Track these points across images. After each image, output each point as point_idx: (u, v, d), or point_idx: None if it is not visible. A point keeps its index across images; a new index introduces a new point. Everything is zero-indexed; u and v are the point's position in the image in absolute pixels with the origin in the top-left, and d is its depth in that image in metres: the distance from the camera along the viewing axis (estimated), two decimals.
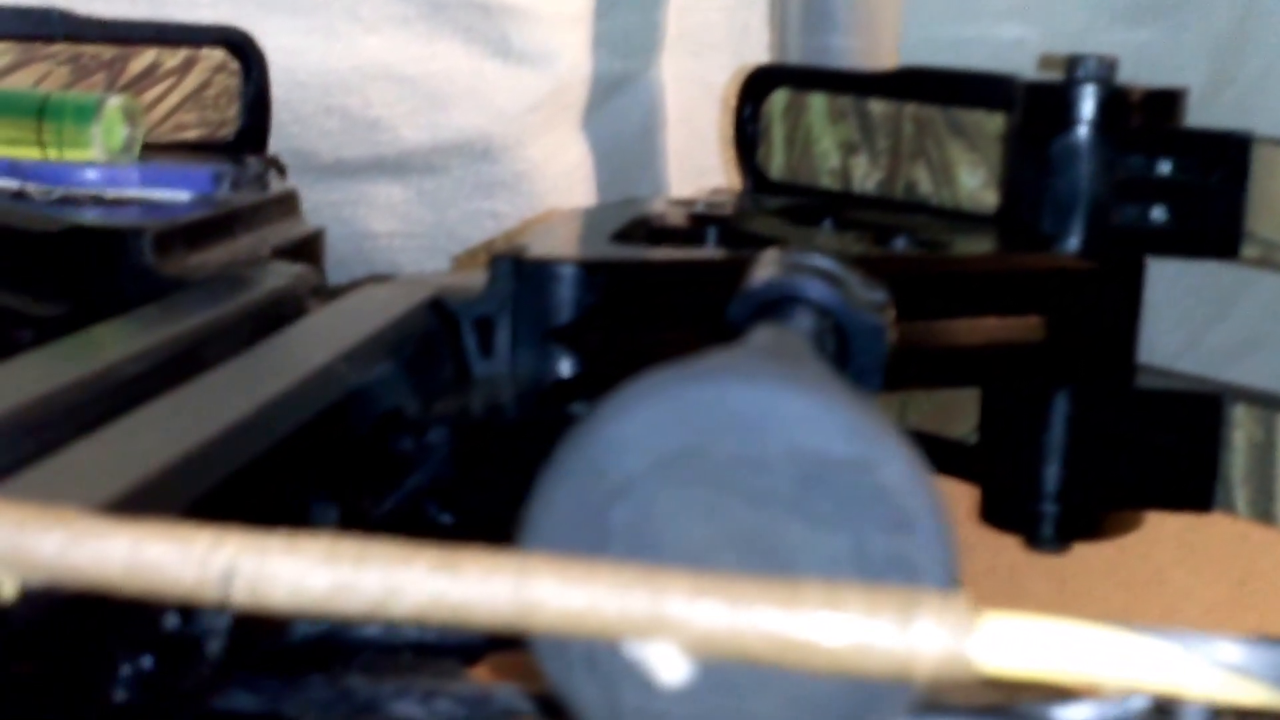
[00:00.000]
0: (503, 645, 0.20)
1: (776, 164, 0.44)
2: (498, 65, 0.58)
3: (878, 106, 0.42)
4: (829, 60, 0.57)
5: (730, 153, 0.45)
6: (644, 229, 0.37)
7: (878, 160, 0.42)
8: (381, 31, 0.57)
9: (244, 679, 0.18)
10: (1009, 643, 0.13)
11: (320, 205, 0.59)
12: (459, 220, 0.60)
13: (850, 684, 0.14)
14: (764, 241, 0.36)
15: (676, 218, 0.38)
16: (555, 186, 0.61)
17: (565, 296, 0.29)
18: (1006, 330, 0.35)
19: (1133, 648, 0.13)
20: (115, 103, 0.36)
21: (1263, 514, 0.35)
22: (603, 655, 0.14)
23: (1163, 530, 0.40)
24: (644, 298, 0.30)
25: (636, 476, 0.14)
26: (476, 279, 0.30)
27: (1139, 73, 0.67)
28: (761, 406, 0.14)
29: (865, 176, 0.42)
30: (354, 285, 0.33)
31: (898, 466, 0.14)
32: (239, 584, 0.13)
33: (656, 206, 0.39)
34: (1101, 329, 0.36)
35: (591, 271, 0.29)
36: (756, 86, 0.44)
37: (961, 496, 0.40)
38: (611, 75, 0.62)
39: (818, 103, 0.43)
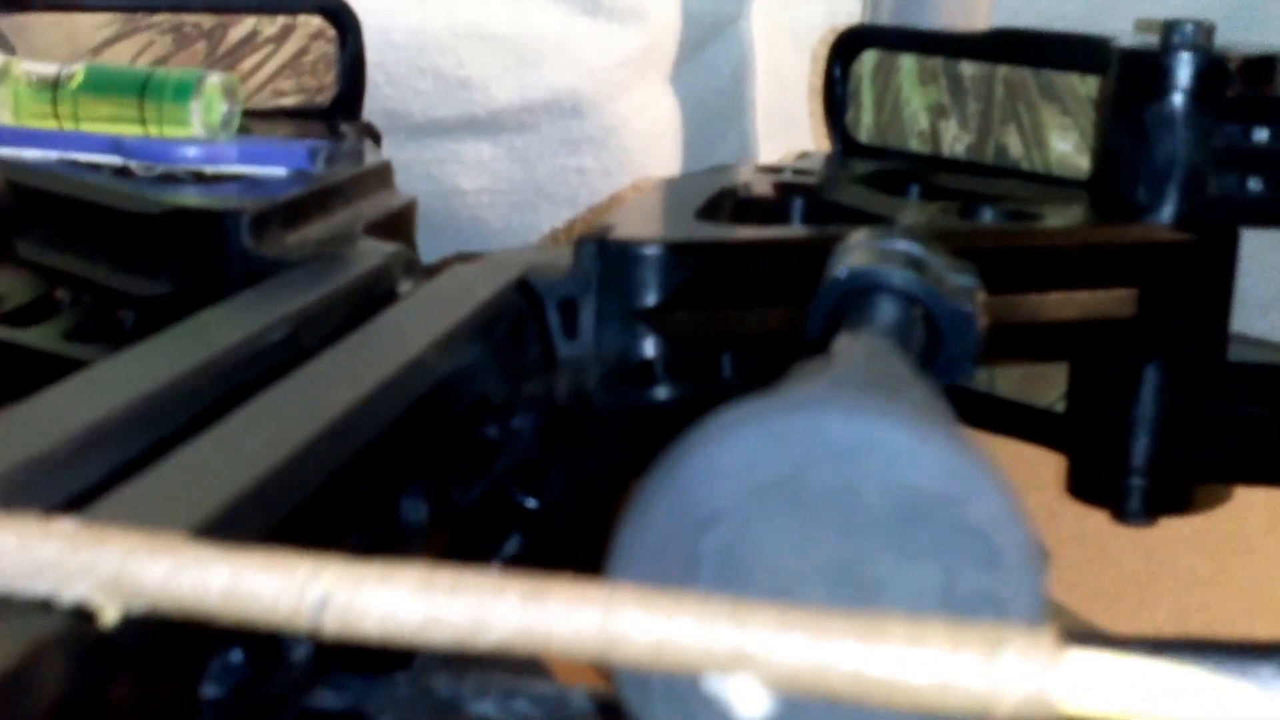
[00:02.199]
0: None
1: (865, 127, 0.44)
2: (587, 22, 0.58)
3: (968, 69, 0.41)
4: (921, 16, 0.56)
5: (820, 114, 0.45)
6: (730, 202, 0.37)
7: (968, 124, 0.42)
8: None
9: (330, 678, 0.19)
10: (1095, 681, 0.13)
11: (411, 163, 0.60)
12: (547, 176, 0.61)
13: None
14: (850, 213, 0.36)
15: (762, 188, 0.38)
16: (643, 142, 0.61)
17: (649, 278, 0.30)
18: (1097, 304, 0.35)
19: (1222, 691, 0.13)
20: (215, 80, 0.36)
21: None
22: (683, 686, 0.14)
23: (1254, 499, 0.40)
24: (729, 278, 0.30)
25: (727, 506, 0.14)
26: (564, 256, 0.30)
27: (1226, 28, 0.66)
28: (856, 438, 0.14)
29: (955, 140, 0.42)
30: (444, 264, 0.33)
31: (990, 502, 0.14)
32: (331, 613, 0.13)
33: (742, 176, 0.39)
34: (1194, 301, 0.36)
35: (676, 253, 0.30)
36: (846, 47, 0.44)
37: (1050, 464, 0.40)
38: (701, 29, 0.62)
39: (908, 64, 0.43)
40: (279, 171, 0.35)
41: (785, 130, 0.64)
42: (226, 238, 0.30)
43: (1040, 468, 0.40)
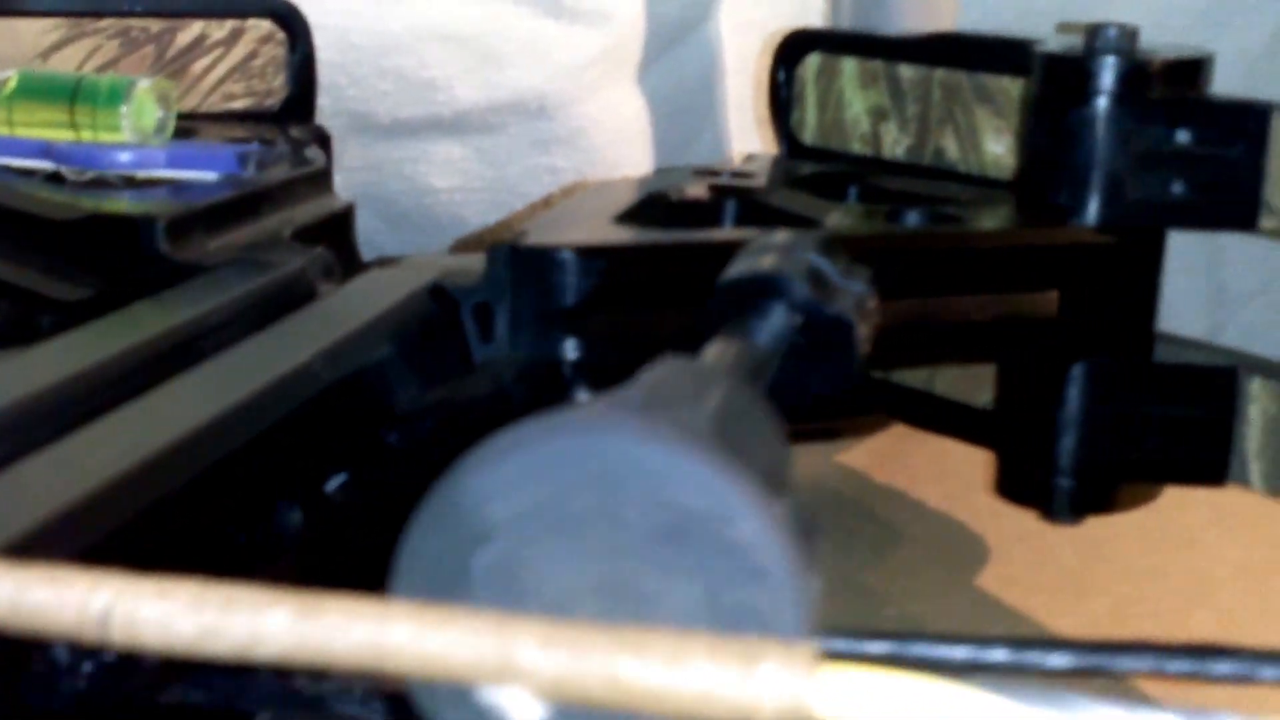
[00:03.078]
0: None
1: (810, 129, 0.44)
2: (551, 23, 0.59)
3: (907, 72, 0.41)
4: (884, 17, 0.56)
5: (765, 117, 0.45)
6: (662, 205, 0.37)
7: (907, 126, 0.42)
8: None
9: (194, 675, 0.19)
10: (850, 695, 0.14)
11: (382, 163, 0.61)
12: (519, 176, 0.61)
13: None
14: (780, 216, 0.36)
15: (696, 191, 0.38)
16: (613, 141, 0.61)
17: (562, 282, 0.30)
18: (1021, 305, 0.35)
19: (975, 706, 0.13)
20: (146, 85, 0.37)
21: (1276, 488, 0.35)
22: (468, 694, 0.14)
23: (1196, 493, 0.40)
24: (641, 281, 0.31)
25: (499, 526, 0.14)
26: (481, 261, 0.31)
27: (1204, 21, 0.66)
28: (620, 459, 0.14)
29: (895, 143, 0.42)
30: (365, 268, 0.33)
31: (751, 520, 0.14)
32: (115, 626, 0.14)
33: (678, 179, 0.39)
34: (1117, 303, 0.36)
35: (587, 256, 0.30)
36: (790, 50, 0.44)
37: (988, 465, 0.40)
38: (668, 28, 0.62)
39: (849, 67, 0.43)
40: (209, 176, 0.35)
41: (760, 128, 0.64)
42: (143, 242, 0.31)
43: (986, 465, 0.40)
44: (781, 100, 0.45)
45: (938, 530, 0.44)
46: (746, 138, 0.64)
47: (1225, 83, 0.39)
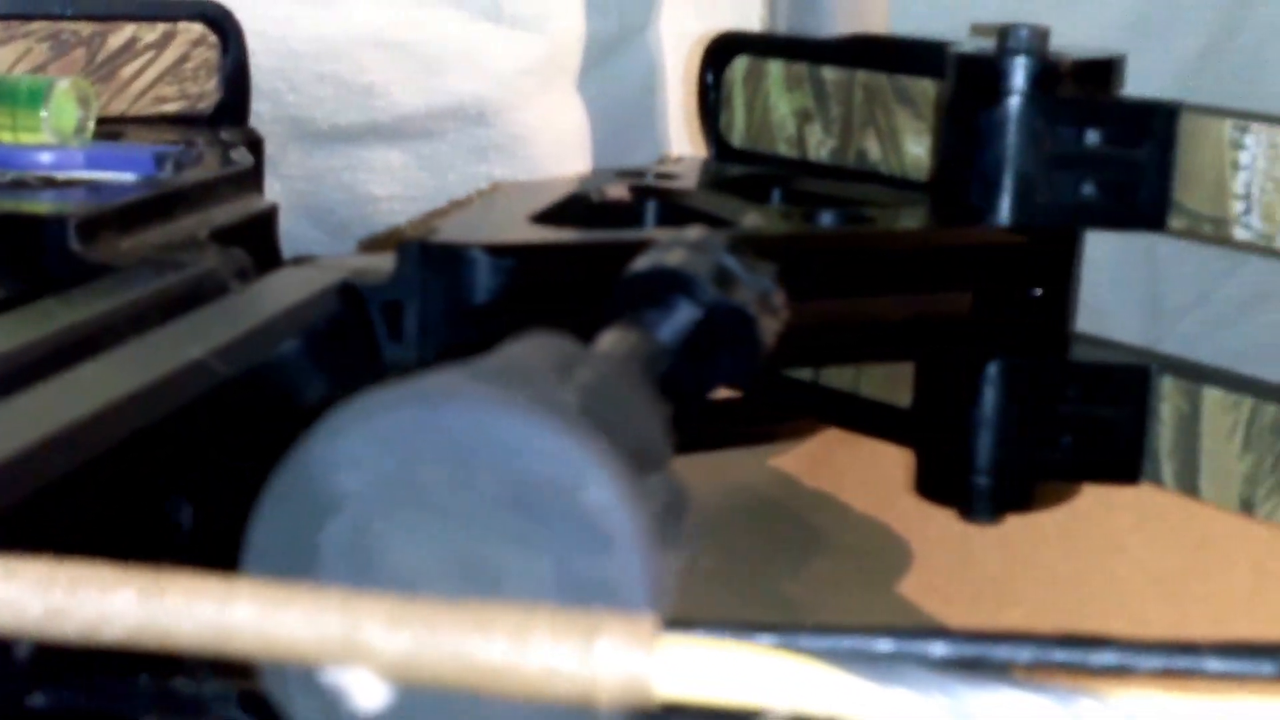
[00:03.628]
0: None
1: (738, 131, 0.45)
2: (489, 29, 0.59)
3: (830, 74, 0.42)
4: (818, 21, 0.57)
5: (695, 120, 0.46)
6: (583, 205, 0.37)
7: (831, 128, 0.42)
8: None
9: (68, 677, 0.19)
10: (690, 667, 0.14)
11: (322, 171, 0.61)
12: (458, 183, 0.61)
13: (560, 709, 0.14)
14: (699, 216, 0.37)
15: (618, 192, 0.39)
16: (552, 149, 0.62)
17: (472, 281, 0.30)
18: (936, 304, 0.36)
19: (812, 680, 0.14)
20: (65, 86, 0.37)
21: (1188, 486, 0.35)
22: (315, 676, 0.14)
23: (1121, 498, 0.40)
24: (553, 280, 0.31)
25: (348, 498, 0.15)
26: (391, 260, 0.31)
27: (1134, 32, 0.66)
28: (469, 429, 0.14)
29: (819, 144, 0.42)
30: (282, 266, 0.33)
31: (601, 489, 0.14)
32: None
33: (602, 180, 0.40)
34: (1031, 302, 0.36)
35: (497, 255, 0.30)
36: (717, 54, 0.45)
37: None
38: (608, 36, 0.62)
39: (775, 70, 0.43)
40: (127, 177, 0.35)
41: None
42: (52, 242, 0.31)
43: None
44: (710, 103, 0.45)
45: (863, 536, 0.44)
46: (686, 145, 0.65)
47: (1158, 92, 0.40)
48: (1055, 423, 0.36)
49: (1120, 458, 0.36)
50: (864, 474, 0.47)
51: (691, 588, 0.46)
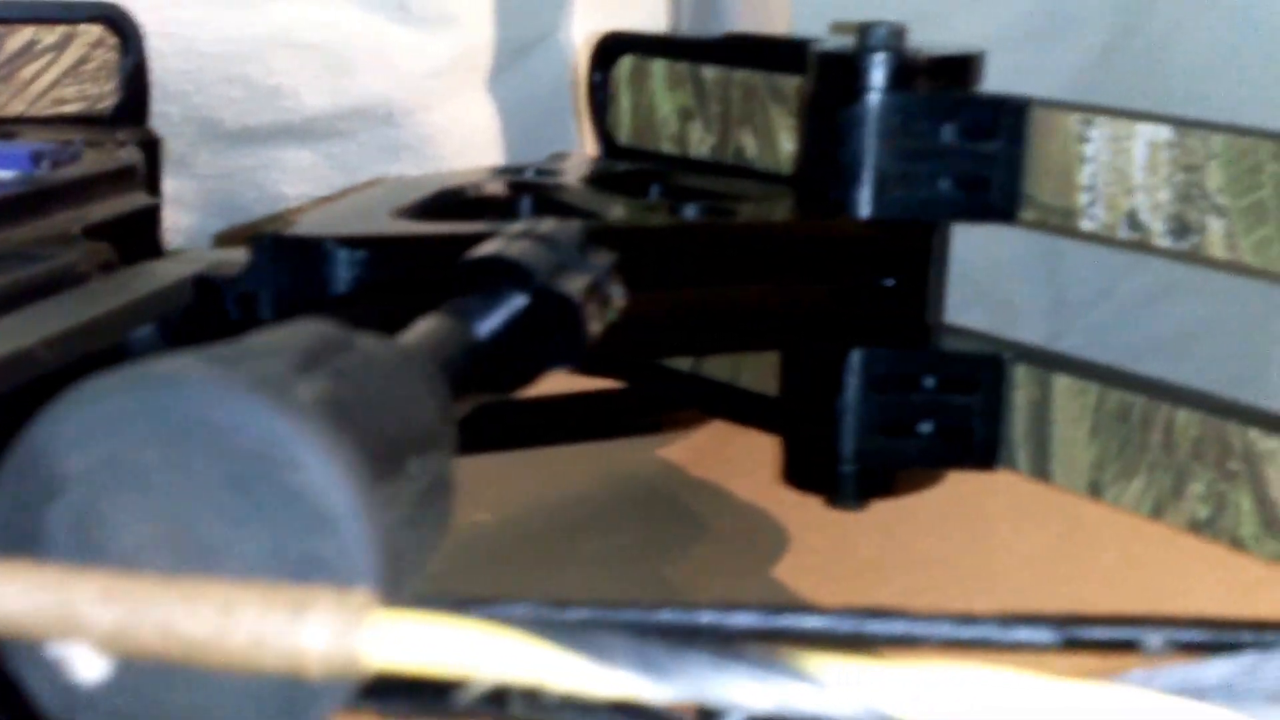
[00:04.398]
0: None
1: (624, 129, 0.45)
2: (396, 30, 0.60)
3: (709, 73, 0.43)
4: (720, 21, 0.58)
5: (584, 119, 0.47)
6: (458, 200, 0.38)
7: (710, 126, 0.43)
8: (281, 1, 0.58)
9: None
10: (399, 639, 0.14)
11: (234, 170, 0.61)
12: None
13: (285, 680, 0.15)
14: (570, 210, 0.38)
15: (494, 188, 0.39)
16: (462, 149, 0.62)
17: (325, 273, 0.31)
18: (796, 295, 0.37)
19: (513, 648, 0.14)
20: None
21: (1040, 472, 0.36)
22: (42, 649, 0.15)
23: (996, 484, 0.41)
24: (406, 273, 0.32)
25: (72, 480, 0.15)
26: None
27: (1035, 33, 0.67)
28: (186, 410, 0.15)
29: (700, 142, 0.43)
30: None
31: (315, 467, 0.15)
32: None
33: (478, 176, 0.40)
34: (890, 293, 0.37)
35: (352, 246, 0.31)
36: (603, 53, 0.45)
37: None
38: (518, 38, 0.63)
39: (659, 69, 0.44)
40: (4, 174, 0.36)
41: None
42: None
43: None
44: (597, 102, 0.46)
45: (743, 523, 0.45)
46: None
47: (1061, 92, 0.41)
48: (914, 411, 0.37)
49: (977, 444, 0.37)
50: (749, 464, 0.47)
51: (572, 571, 0.46)
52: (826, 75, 0.37)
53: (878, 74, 0.36)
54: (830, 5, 0.59)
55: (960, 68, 0.37)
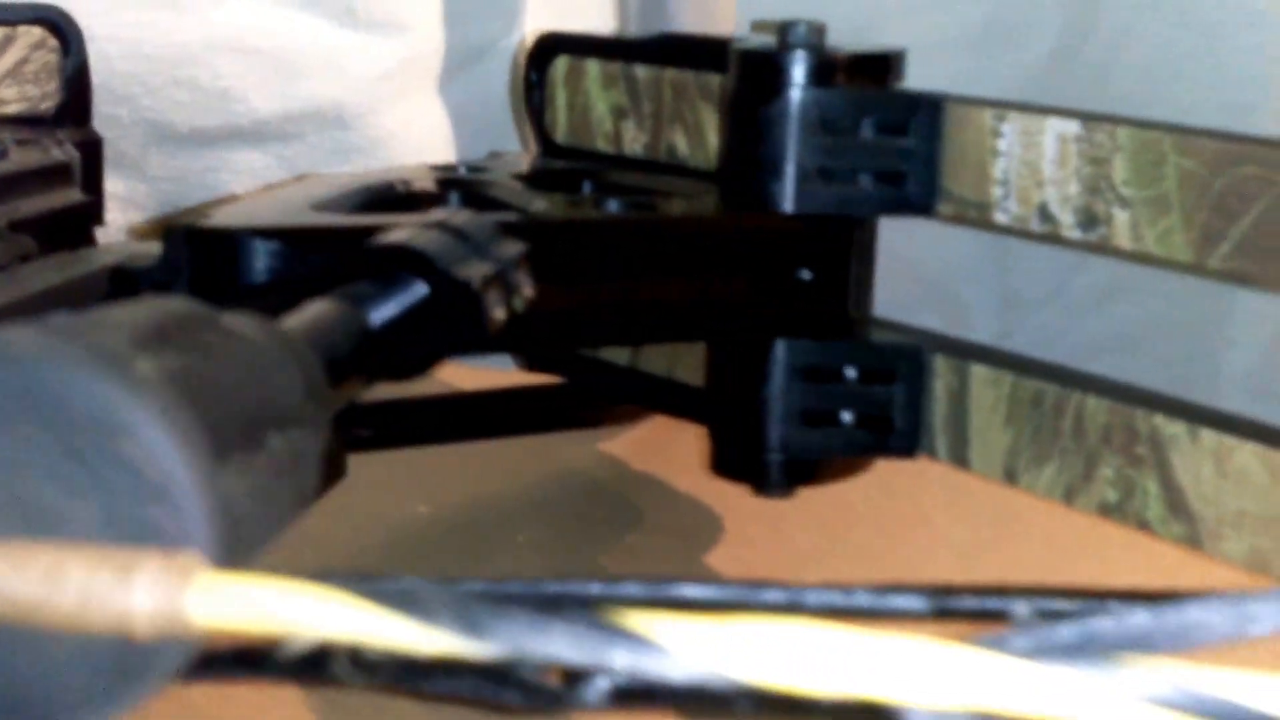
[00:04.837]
0: None
1: (561, 129, 0.46)
2: (346, 34, 0.60)
3: (642, 72, 0.43)
4: (664, 21, 0.58)
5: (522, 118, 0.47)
6: (387, 196, 0.39)
7: (643, 124, 0.43)
8: (227, 4, 0.58)
9: None
10: (225, 599, 0.15)
11: (185, 172, 0.62)
12: None
13: (118, 644, 0.15)
14: (496, 205, 0.38)
15: (424, 184, 0.40)
16: (414, 152, 0.63)
17: (238, 264, 0.31)
18: (719, 288, 0.37)
19: (330, 607, 0.14)
20: None
21: (959, 459, 0.37)
22: None
23: (931, 475, 0.42)
24: (317, 263, 0.32)
25: None
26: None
27: (983, 38, 0.68)
28: (23, 378, 0.15)
29: (634, 140, 0.44)
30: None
31: (151, 436, 0.15)
32: None
33: (409, 173, 0.41)
34: (813, 285, 0.37)
35: (265, 238, 0.31)
36: (540, 54, 0.46)
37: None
38: (470, 42, 0.64)
39: (593, 69, 0.45)
40: None
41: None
42: None
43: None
44: (534, 102, 0.46)
45: (681, 514, 0.45)
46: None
47: (1007, 96, 0.41)
48: (836, 400, 0.38)
49: (898, 433, 0.37)
50: (691, 457, 0.48)
51: (505, 562, 0.47)
52: (747, 73, 0.37)
53: (798, 71, 0.37)
54: (775, 7, 0.60)
55: (880, 65, 0.37)
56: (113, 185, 0.58)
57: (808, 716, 0.19)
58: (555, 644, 0.14)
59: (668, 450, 0.49)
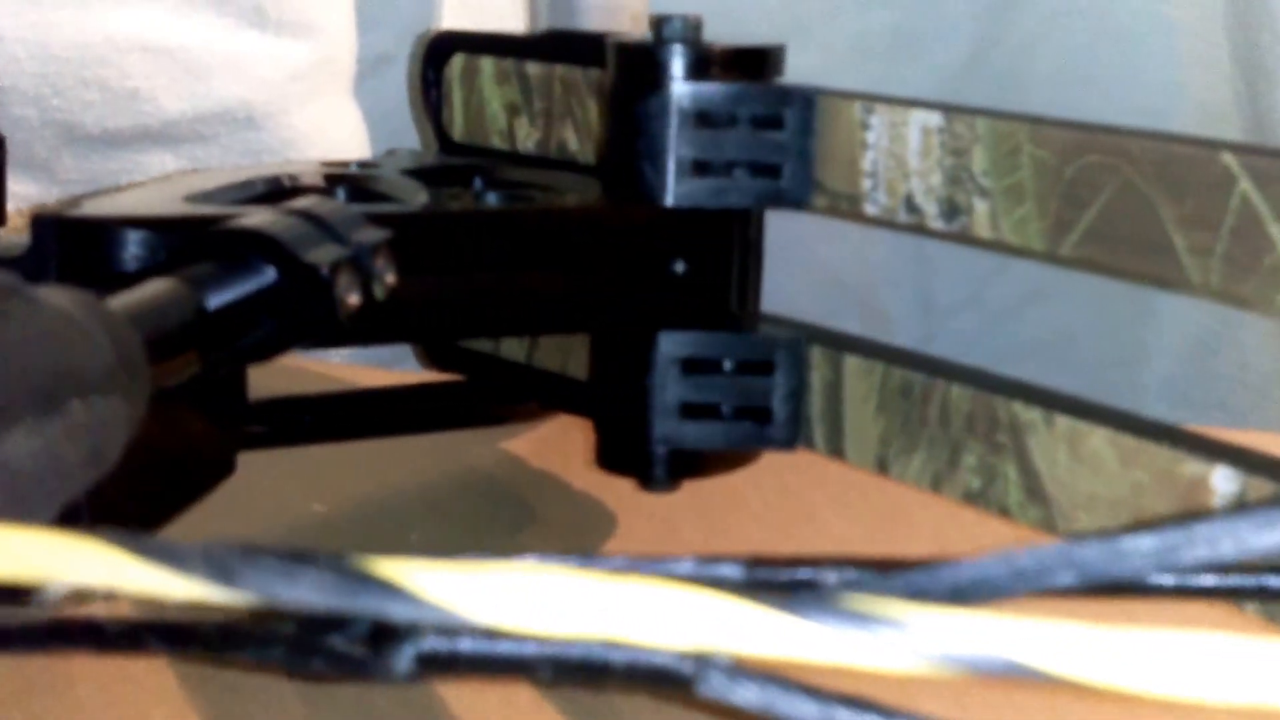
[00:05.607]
0: None
1: (458, 126, 0.46)
2: (255, 35, 0.60)
3: (533, 69, 0.44)
4: (573, 19, 0.58)
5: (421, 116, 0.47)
6: (273, 190, 0.39)
7: (535, 121, 0.44)
8: (134, 5, 0.58)
9: None
10: None
11: (98, 174, 0.62)
12: None
13: None
14: (379, 198, 0.38)
15: (311, 179, 0.40)
16: (327, 153, 0.63)
17: (105, 253, 0.31)
18: (599, 280, 0.37)
19: (87, 553, 0.15)
20: None
21: (835, 450, 0.37)
22: None
23: (823, 473, 0.42)
24: (186, 252, 0.32)
25: None
26: None
27: (896, 44, 0.69)
28: None
29: (527, 136, 0.44)
30: None
31: None
32: None
33: (300, 168, 0.41)
34: (693, 279, 0.38)
35: (135, 227, 0.31)
36: (435, 52, 0.46)
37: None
38: (385, 42, 0.64)
39: (487, 66, 0.45)
40: None
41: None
42: None
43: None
44: (432, 100, 0.47)
45: (575, 511, 0.45)
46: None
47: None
48: (717, 392, 0.38)
49: (778, 425, 0.38)
50: (590, 454, 0.48)
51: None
52: (625, 67, 0.38)
53: (675, 65, 0.37)
54: (688, 8, 0.61)
55: (757, 59, 0.38)
56: (24, 187, 0.58)
57: (606, 682, 0.20)
58: (302, 590, 0.14)
59: (569, 447, 0.49)
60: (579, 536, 0.44)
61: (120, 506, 0.27)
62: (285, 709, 0.33)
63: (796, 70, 0.68)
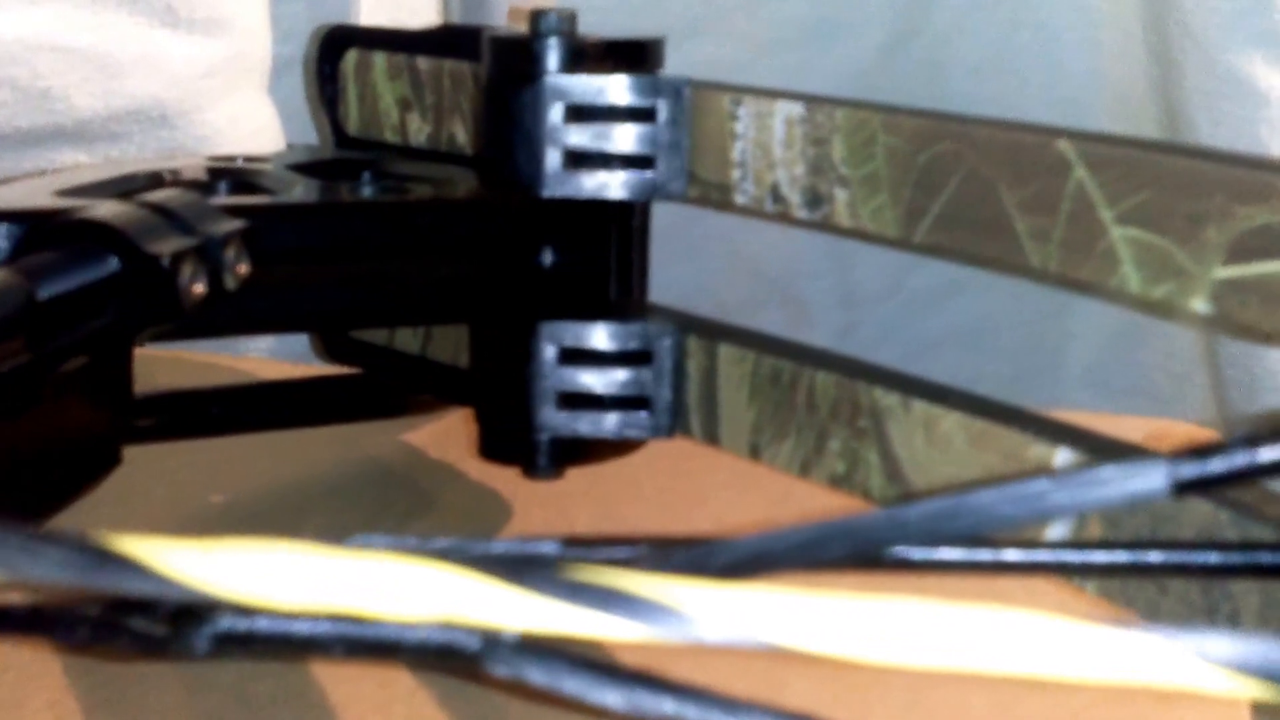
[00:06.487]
0: None
1: (353, 121, 0.47)
2: (167, 33, 0.60)
3: (424, 64, 0.44)
4: (488, 16, 0.59)
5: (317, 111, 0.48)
6: (154, 183, 0.39)
7: (426, 115, 0.44)
8: (45, 3, 0.58)
9: None
10: None
11: (11, 173, 0.61)
12: None
13: None
14: (260, 191, 0.39)
15: (194, 173, 0.40)
16: (244, 149, 0.63)
17: None
18: (471, 271, 0.38)
19: None
20: None
21: (711, 437, 0.38)
22: None
23: (718, 462, 0.43)
24: (31, 244, 0.32)
25: None
26: None
27: (813, 33, 0.69)
28: None
29: (418, 131, 0.45)
30: None
31: None
32: None
33: (185, 162, 0.41)
34: (570, 268, 0.38)
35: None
36: (329, 46, 0.47)
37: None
38: (299, 38, 0.64)
39: (380, 61, 0.45)
40: None
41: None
42: None
43: None
44: (327, 94, 0.47)
45: (469, 500, 0.46)
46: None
47: (838, 91, 0.41)
48: (595, 381, 0.38)
49: (657, 413, 0.38)
50: None
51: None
52: (501, 60, 0.38)
53: (551, 58, 0.38)
54: (614, 4, 0.61)
55: (634, 52, 0.38)
56: None
57: (398, 658, 0.20)
58: (45, 567, 0.15)
59: (469, 438, 0.50)
60: (474, 523, 0.44)
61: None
62: (165, 694, 0.34)
63: (715, 61, 0.69)
